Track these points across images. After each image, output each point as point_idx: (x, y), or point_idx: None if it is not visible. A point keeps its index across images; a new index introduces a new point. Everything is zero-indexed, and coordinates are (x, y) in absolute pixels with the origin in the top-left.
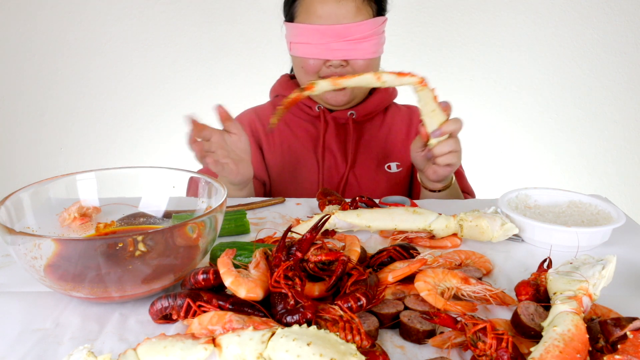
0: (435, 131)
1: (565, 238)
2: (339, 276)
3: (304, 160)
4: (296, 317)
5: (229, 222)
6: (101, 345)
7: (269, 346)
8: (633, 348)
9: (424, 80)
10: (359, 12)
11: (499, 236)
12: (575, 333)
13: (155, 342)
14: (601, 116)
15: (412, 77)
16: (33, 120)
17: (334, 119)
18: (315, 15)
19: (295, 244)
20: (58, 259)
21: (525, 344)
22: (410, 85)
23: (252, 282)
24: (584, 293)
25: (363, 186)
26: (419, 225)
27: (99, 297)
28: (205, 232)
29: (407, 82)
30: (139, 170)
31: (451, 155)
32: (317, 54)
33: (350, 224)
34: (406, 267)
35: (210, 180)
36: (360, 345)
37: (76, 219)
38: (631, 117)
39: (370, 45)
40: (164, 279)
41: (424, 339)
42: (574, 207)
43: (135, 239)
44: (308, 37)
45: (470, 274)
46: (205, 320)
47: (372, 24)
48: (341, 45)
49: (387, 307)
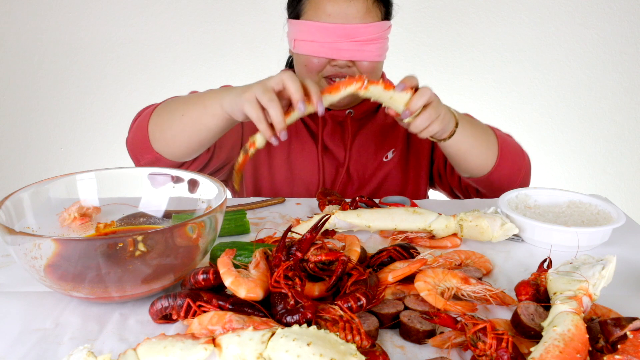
0: (405, 111)
1: (565, 238)
2: (339, 276)
3: (303, 160)
4: (296, 317)
5: (229, 222)
6: (101, 345)
7: (269, 346)
8: (633, 348)
9: (362, 80)
10: (368, 13)
11: (499, 236)
12: (575, 333)
13: (155, 342)
14: (601, 116)
15: (349, 86)
16: (33, 120)
17: (332, 117)
18: (325, 13)
19: (295, 244)
20: (58, 259)
21: (525, 344)
22: (354, 92)
23: (252, 282)
24: (584, 293)
25: (363, 182)
26: (419, 225)
27: (99, 297)
28: (205, 232)
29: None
30: (139, 170)
31: (433, 125)
32: (324, 52)
33: (350, 224)
34: (406, 267)
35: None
36: (360, 345)
37: (76, 219)
38: (631, 117)
39: (377, 48)
40: (164, 279)
41: (424, 339)
42: (574, 207)
43: (135, 239)
44: (315, 34)
45: (470, 274)
46: (205, 320)
47: (380, 27)
48: (349, 45)
49: (387, 307)
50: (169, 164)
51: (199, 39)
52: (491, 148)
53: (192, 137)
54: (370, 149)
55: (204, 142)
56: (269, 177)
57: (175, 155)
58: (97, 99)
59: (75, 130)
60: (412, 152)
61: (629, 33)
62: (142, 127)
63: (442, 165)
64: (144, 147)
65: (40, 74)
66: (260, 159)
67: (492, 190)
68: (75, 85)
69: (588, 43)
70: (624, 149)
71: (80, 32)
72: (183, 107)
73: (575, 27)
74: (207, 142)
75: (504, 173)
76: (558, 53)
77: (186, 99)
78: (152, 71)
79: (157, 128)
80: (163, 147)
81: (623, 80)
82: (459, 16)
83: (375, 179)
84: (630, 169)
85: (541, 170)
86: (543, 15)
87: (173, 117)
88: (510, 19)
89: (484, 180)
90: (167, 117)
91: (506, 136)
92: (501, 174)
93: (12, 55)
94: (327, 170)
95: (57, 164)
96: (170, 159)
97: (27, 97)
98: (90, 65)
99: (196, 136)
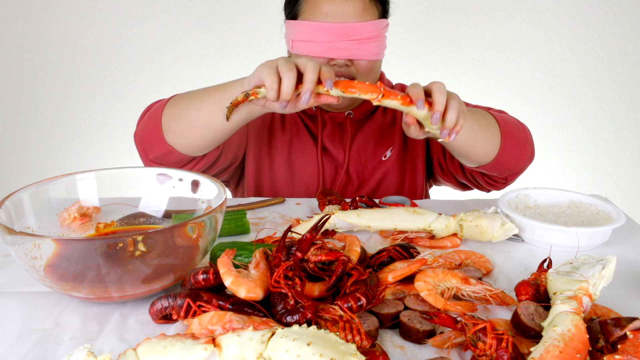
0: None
1: (565, 238)
2: (339, 276)
3: (303, 160)
4: (296, 317)
5: (229, 222)
6: (101, 345)
7: (269, 346)
8: (633, 348)
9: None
10: (366, 11)
11: (499, 236)
12: (575, 333)
13: (155, 342)
14: (601, 116)
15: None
16: (33, 120)
17: (332, 118)
18: (322, 13)
19: (295, 244)
20: (58, 259)
21: (525, 344)
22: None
23: (252, 282)
24: (584, 293)
25: (362, 182)
26: (419, 225)
27: (99, 297)
28: (205, 232)
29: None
30: (139, 170)
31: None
32: (322, 52)
33: (350, 224)
34: (406, 267)
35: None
36: (360, 345)
37: (76, 219)
38: (631, 117)
39: (375, 47)
40: (164, 279)
41: (424, 339)
42: (574, 207)
43: (135, 239)
44: (312, 34)
45: (470, 274)
46: (205, 320)
47: (377, 25)
48: (346, 44)
49: (387, 307)
50: (179, 158)
51: (199, 39)
52: (493, 132)
53: (209, 126)
54: (369, 148)
55: (219, 134)
56: (270, 177)
57: (188, 147)
58: (97, 99)
59: (75, 130)
60: (408, 150)
61: (629, 33)
62: (155, 118)
63: (442, 157)
64: (155, 139)
65: (41, 74)
66: (262, 159)
67: (502, 171)
68: (75, 86)
69: (588, 43)
70: (624, 149)
71: (80, 32)
72: (202, 94)
73: (575, 27)
74: (222, 133)
75: (510, 152)
76: (558, 53)
77: (206, 88)
78: (152, 71)
79: (173, 118)
80: (177, 138)
81: (623, 80)
82: (458, 16)
83: (374, 179)
84: (630, 169)
85: (541, 170)
86: (543, 15)
87: (190, 105)
88: (510, 18)
89: (492, 165)
90: (184, 105)
91: (502, 114)
92: (508, 155)
93: (13, 55)
94: (327, 170)
95: (57, 164)
96: (182, 152)
97: (27, 97)
98: (90, 65)
99: (213, 125)
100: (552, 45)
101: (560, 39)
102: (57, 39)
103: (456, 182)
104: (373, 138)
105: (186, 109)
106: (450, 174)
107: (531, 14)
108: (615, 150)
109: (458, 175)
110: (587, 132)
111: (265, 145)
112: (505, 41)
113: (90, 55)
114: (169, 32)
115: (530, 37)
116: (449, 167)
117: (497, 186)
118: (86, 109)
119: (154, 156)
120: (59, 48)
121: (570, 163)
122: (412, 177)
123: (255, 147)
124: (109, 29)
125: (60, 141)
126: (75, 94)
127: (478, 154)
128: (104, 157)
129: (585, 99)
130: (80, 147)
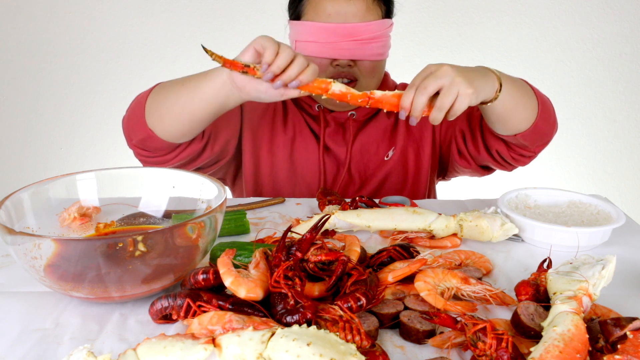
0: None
1: (565, 238)
2: (339, 276)
3: (305, 159)
4: (296, 317)
5: (229, 222)
6: (101, 345)
7: (268, 346)
8: (633, 348)
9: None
10: (368, 11)
11: (499, 236)
12: (575, 333)
13: (155, 342)
14: (601, 116)
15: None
16: (33, 120)
17: (334, 118)
18: (325, 14)
19: (295, 244)
20: (58, 259)
21: (525, 344)
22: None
23: (252, 282)
24: (584, 293)
25: (364, 182)
26: (419, 225)
27: (99, 297)
28: (205, 232)
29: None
30: (139, 170)
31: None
32: (325, 52)
33: (350, 224)
34: (406, 267)
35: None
36: (360, 345)
37: (76, 219)
38: (631, 117)
39: (378, 47)
40: (164, 279)
41: (424, 339)
42: (574, 207)
43: (135, 239)
44: (315, 35)
45: (470, 274)
46: (205, 320)
47: (381, 25)
48: (349, 44)
49: (387, 307)
50: (159, 144)
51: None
52: (531, 97)
53: (184, 108)
54: (371, 148)
55: (194, 119)
56: (271, 177)
57: (166, 132)
58: (97, 99)
59: (75, 130)
60: (411, 150)
61: (628, 33)
62: (140, 102)
63: (462, 140)
64: (138, 123)
65: (41, 74)
66: (262, 158)
67: (537, 139)
68: (75, 85)
69: (588, 43)
70: (624, 149)
71: (80, 32)
72: (185, 79)
73: (575, 27)
74: (198, 119)
75: (546, 119)
76: (558, 53)
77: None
78: (152, 71)
79: (154, 101)
80: (156, 121)
81: (623, 80)
82: (459, 16)
83: (377, 178)
84: (630, 169)
85: (541, 170)
86: (543, 15)
87: (172, 89)
88: (510, 18)
89: (529, 132)
90: (167, 89)
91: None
92: (545, 120)
93: (13, 55)
94: (329, 169)
95: (57, 164)
96: (161, 137)
97: (28, 97)
98: (90, 65)
99: (188, 108)
100: (552, 45)
101: (560, 39)
102: (57, 39)
103: (476, 166)
104: (375, 138)
105: (167, 93)
106: (471, 158)
107: (531, 14)
108: (615, 150)
109: (480, 155)
110: (587, 132)
111: (265, 144)
112: (506, 41)
113: (90, 55)
114: (169, 32)
115: (530, 37)
116: (469, 151)
117: (523, 161)
118: (86, 109)
119: (137, 140)
120: (59, 48)
121: (570, 163)
122: (416, 176)
123: (253, 146)
124: (109, 29)
125: (60, 141)
126: (75, 94)
127: (519, 118)
128: (104, 157)
129: (585, 99)
130: (80, 147)
